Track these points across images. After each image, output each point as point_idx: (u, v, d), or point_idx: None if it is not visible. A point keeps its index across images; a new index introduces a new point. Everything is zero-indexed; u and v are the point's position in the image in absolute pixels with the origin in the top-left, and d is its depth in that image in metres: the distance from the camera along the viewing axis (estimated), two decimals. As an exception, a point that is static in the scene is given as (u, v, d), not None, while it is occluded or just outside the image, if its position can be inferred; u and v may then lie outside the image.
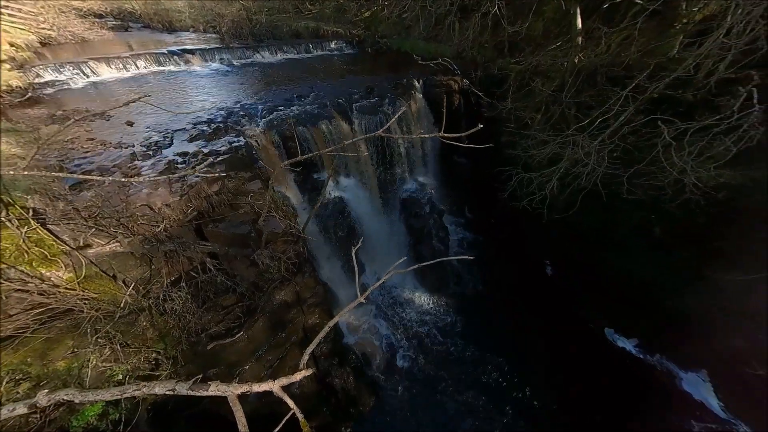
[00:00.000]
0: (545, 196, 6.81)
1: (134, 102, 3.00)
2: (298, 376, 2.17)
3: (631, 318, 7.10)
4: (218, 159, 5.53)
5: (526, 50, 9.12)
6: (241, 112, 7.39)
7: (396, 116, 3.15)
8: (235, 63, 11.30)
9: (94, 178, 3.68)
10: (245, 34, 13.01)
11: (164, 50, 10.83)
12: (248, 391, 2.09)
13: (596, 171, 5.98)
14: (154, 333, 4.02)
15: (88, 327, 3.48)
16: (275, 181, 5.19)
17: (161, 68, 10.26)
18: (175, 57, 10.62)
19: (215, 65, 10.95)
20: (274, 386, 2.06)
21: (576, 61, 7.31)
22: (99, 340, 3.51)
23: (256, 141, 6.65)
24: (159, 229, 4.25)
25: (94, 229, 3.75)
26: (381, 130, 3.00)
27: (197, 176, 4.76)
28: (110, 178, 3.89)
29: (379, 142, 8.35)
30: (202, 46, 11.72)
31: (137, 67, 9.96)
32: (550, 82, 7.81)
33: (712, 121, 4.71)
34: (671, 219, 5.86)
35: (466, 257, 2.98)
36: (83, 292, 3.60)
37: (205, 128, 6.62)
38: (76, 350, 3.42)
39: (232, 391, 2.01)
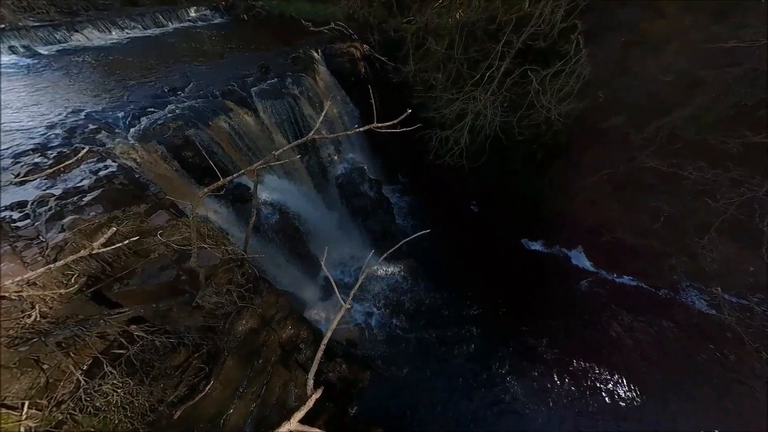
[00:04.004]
0: (461, 149, 7.79)
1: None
2: (310, 403, 2.17)
3: (535, 226, 9.49)
4: (86, 199, 4.18)
5: (413, 7, 9.26)
6: (91, 125, 5.47)
7: (322, 115, 2.99)
8: (42, 51, 7.79)
9: None
10: (41, 5, 8.96)
11: None
12: (269, 443, 2.03)
13: (494, 120, 7.10)
14: (92, 439, 3.22)
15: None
16: (183, 202, 4.34)
17: None
18: None
19: (5, 59, 7.46)
20: (292, 425, 2.01)
21: (458, 17, 7.92)
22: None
23: (135, 160, 5.22)
24: (32, 318, 3.12)
25: None
26: (311, 133, 2.83)
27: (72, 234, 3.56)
28: None
29: (297, 130, 7.67)
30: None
31: None
32: (441, 40, 8.32)
33: (559, 67, 6.07)
34: (547, 146, 7.71)
35: (423, 232, 3.36)
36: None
37: (38, 159, 4.70)
38: None
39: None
